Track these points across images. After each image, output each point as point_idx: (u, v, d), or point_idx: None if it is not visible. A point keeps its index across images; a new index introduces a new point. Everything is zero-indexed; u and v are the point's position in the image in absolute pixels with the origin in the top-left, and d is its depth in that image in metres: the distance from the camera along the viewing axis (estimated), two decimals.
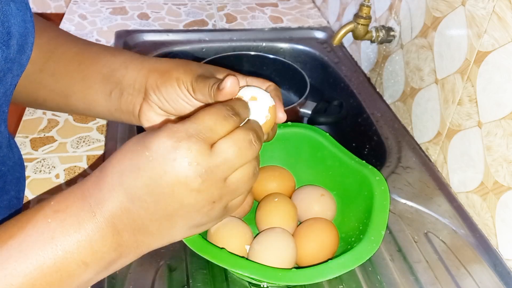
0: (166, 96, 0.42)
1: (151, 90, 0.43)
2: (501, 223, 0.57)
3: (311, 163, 0.59)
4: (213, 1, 1.19)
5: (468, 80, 0.62)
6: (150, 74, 0.43)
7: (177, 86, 0.41)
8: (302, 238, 0.51)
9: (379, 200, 0.49)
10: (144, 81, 0.44)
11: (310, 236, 0.51)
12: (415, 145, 0.75)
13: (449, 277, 0.55)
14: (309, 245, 0.50)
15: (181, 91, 0.41)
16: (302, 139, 0.59)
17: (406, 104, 0.78)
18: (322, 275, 0.43)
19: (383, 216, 0.47)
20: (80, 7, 1.11)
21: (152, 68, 0.44)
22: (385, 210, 0.48)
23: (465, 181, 0.64)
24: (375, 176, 0.52)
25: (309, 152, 0.59)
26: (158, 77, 0.43)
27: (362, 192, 0.52)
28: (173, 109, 0.43)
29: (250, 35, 1.04)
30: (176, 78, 0.41)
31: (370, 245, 0.44)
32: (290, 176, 0.59)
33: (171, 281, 0.52)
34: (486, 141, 0.59)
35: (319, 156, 0.58)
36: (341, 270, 0.43)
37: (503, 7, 0.55)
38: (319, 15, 1.15)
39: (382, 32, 0.81)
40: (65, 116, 0.75)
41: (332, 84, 0.94)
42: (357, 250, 0.44)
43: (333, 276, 0.43)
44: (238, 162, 0.34)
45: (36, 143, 0.70)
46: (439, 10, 0.68)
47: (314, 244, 0.50)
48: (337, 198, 0.57)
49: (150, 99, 0.43)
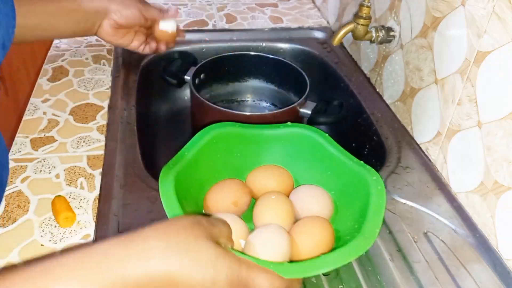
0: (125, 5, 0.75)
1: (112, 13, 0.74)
2: (501, 223, 0.57)
3: (310, 163, 0.60)
4: (213, 1, 1.19)
5: (468, 80, 0.62)
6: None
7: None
8: (298, 235, 0.50)
9: (375, 200, 0.50)
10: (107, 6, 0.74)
11: (306, 233, 0.51)
12: (415, 145, 0.75)
13: (449, 277, 0.55)
14: (304, 242, 0.50)
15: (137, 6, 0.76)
16: (302, 139, 0.60)
17: (406, 104, 0.78)
18: (315, 268, 0.43)
19: (378, 215, 0.48)
20: None
21: None
22: (381, 209, 0.49)
23: (465, 181, 0.64)
24: (372, 176, 0.53)
25: (308, 152, 0.60)
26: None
27: (359, 192, 0.53)
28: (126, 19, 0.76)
29: (250, 35, 1.05)
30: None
31: (364, 241, 0.45)
32: (289, 176, 0.60)
33: None
34: (486, 141, 0.59)
35: (318, 156, 0.59)
36: (334, 264, 0.43)
37: (503, 7, 0.55)
38: (319, 15, 1.15)
39: (382, 32, 0.81)
40: (65, 116, 0.75)
41: (332, 84, 0.94)
42: (351, 245, 0.44)
43: (326, 269, 0.43)
44: None
45: (36, 143, 0.70)
46: (439, 10, 0.68)
47: (309, 241, 0.50)
48: (334, 198, 0.57)
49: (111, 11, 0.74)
